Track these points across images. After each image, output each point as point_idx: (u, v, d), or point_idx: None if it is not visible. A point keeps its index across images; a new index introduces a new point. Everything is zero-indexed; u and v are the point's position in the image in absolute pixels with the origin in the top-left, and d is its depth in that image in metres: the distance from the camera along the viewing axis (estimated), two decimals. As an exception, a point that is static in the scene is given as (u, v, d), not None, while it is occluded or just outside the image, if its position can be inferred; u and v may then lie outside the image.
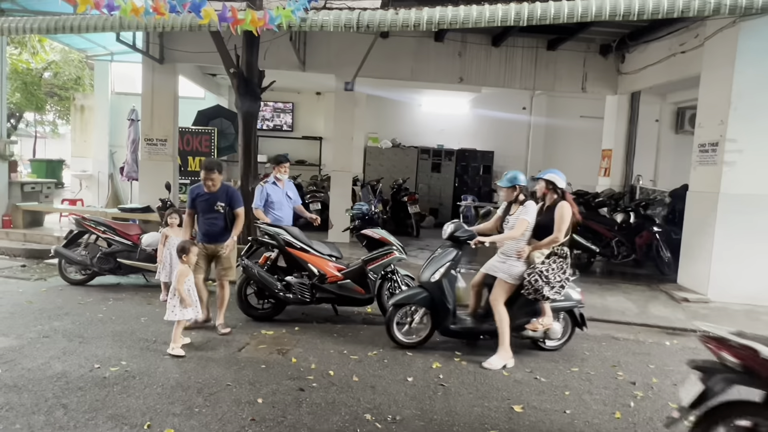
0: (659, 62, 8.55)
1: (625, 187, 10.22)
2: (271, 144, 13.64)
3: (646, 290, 7.16)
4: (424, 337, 4.78)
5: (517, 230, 4.45)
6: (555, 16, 5.13)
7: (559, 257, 4.45)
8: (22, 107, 15.19)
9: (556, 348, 4.85)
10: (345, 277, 5.38)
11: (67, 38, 11.02)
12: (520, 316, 4.59)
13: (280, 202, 5.93)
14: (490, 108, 13.39)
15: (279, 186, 5.99)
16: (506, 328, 4.46)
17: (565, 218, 4.41)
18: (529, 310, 4.58)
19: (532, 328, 4.54)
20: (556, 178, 4.56)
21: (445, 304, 4.64)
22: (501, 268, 4.54)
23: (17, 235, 8.69)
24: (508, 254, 4.53)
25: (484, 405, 3.71)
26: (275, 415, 3.39)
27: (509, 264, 4.50)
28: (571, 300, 4.72)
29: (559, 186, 4.55)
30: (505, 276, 4.49)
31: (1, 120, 8.78)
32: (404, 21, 5.42)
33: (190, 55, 9.23)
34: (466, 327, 4.75)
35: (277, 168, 5.98)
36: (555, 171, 4.64)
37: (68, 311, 5.34)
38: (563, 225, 4.40)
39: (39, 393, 3.52)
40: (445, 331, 4.74)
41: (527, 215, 4.46)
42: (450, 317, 4.68)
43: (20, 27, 6.21)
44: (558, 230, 4.39)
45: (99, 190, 12.88)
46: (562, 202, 4.48)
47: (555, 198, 4.55)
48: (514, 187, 4.60)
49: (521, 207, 4.55)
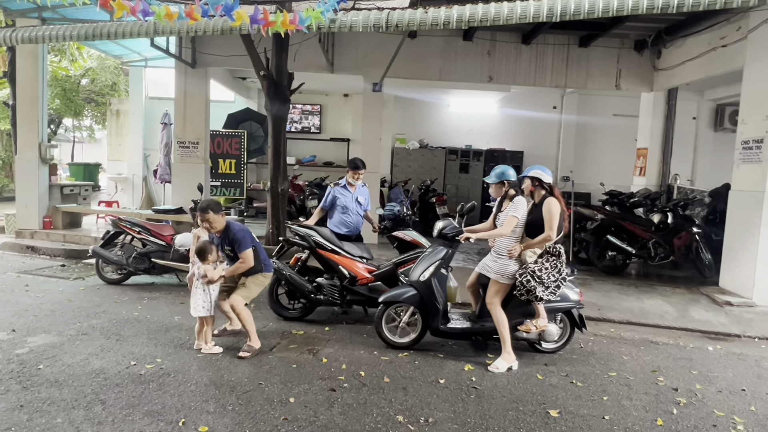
0: (698, 57, 8.24)
1: (661, 187, 9.90)
2: (299, 146, 13.78)
3: (686, 293, 6.90)
4: (415, 338, 4.69)
5: (506, 227, 4.34)
6: (589, 11, 4.99)
7: (553, 256, 4.32)
8: (62, 113, 15.74)
9: (553, 350, 4.72)
10: (375, 279, 5.35)
11: (104, 45, 11.36)
12: (514, 316, 4.47)
13: (347, 206, 5.84)
14: (520, 107, 13.19)
15: (350, 190, 5.90)
16: (507, 331, 4.37)
17: (553, 214, 4.27)
18: (522, 311, 4.48)
19: (525, 330, 4.42)
20: (541, 173, 4.44)
21: (435, 303, 4.56)
22: (493, 268, 4.44)
23: (57, 235, 8.99)
24: (500, 253, 4.41)
25: (518, 409, 3.62)
26: (307, 415, 3.38)
27: (501, 263, 4.39)
28: (568, 301, 4.56)
29: (545, 181, 4.42)
30: (498, 276, 4.39)
31: (42, 125, 9.10)
32: (434, 20, 5.37)
33: (221, 58, 9.39)
34: (458, 327, 4.65)
35: (352, 173, 5.87)
36: (539, 167, 4.52)
37: (105, 309, 5.48)
38: (553, 222, 4.26)
39: (79, 388, 3.61)
40: (435, 332, 4.64)
41: (516, 212, 4.35)
42: (440, 317, 4.59)
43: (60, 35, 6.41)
44: (549, 228, 4.26)
45: (133, 192, 13.23)
46: (548, 198, 4.35)
47: (543, 194, 4.43)
48: (503, 182, 4.50)
49: (510, 203, 4.44)
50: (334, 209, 5.89)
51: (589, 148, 13.25)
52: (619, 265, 7.97)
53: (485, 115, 13.59)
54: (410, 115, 13.66)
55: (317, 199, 11.14)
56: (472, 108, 13.45)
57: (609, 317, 5.89)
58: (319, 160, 13.72)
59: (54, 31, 6.42)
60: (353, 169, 5.88)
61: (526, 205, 4.44)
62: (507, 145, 13.44)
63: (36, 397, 3.45)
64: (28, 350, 4.26)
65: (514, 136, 13.54)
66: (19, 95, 9.10)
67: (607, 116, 12.99)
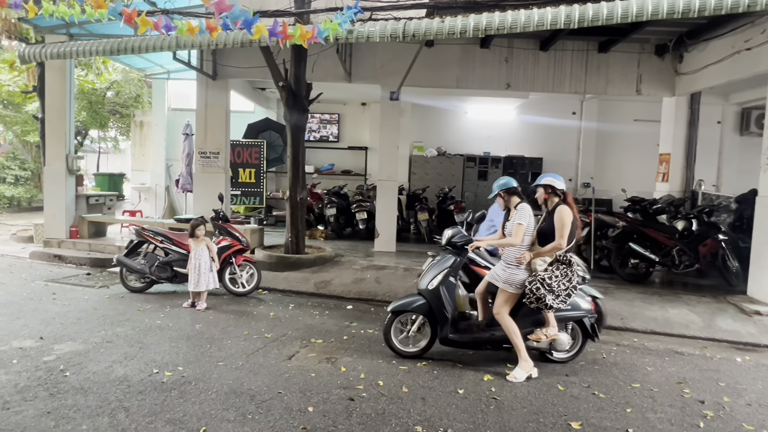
0: (721, 61, 8.08)
1: (685, 193, 9.70)
2: (318, 154, 13.91)
3: (712, 302, 6.72)
4: (423, 347, 4.66)
5: (515, 237, 4.30)
6: (608, 17, 4.96)
7: (563, 264, 4.26)
8: (88, 125, 16.18)
9: (565, 360, 4.64)
10: None
11: (128, 59, 11.69)
12: (524, 325, 4.42)
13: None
14: (538, 114, 13.11)
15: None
16: (519, 339, 4.31)
17: (565, 222, 4.22)
18: (532, 320, 4.42)
19: (535, 339, 4.36)
20: (554, 181, 4.40)
21: (444, 312, 4.53)
22: (501, 277, 4.39)
23: (83, 245, 9.21)
24: (509, 262, 4.38)
25: (539, 421, 3.57)
26: (326, 425, 3.39)
27: (509, 272, 4.35)
28: (579, 310, 4.49)
29: (558, 188, 4.38)
30: (506, 285, 4.35)
31: (69, 137, 9.37)
32: (451, 28, 5.38)
33: (241, 70, 9.57)
34: (467, 336, 4.60)
35: None
36: (552, 174, 4.48)
37: (129, 317, 5.59)
38: (564, 230, 4.22)
39: (103, 396, 3.68)
40: (444, 341, 4.60)
41: (522, 219, 4.31)
42: (449, 326, 4.55)
43: (87, 50, 6.63)
44: (560, 236, 4.22)
45: (156, 201, 13.51)
46: (560, 206, 4.30)
47: (556, 201, 4.38)
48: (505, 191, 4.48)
49: (515, 211, 4.41)
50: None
51: (610, 154, 13.08)
52: (642, 273, 7.80)
53: (503, 121, 13.53)
54: (428, 122, 13.67)
55: (335, 207, 11.22)
56: (490, 115, 13.41)
57: (632, 327, 5.78)
58: (337, 169, 13.82)
59: (81, 47, 6.64)
60: None
61: (531, 211, 4.41)
62: (526, 152, 13.34)
63: (62, 404, 3.53)
64: (55, 357, 4.37)
65: (533, 143, 13.44)
66: (48, 109, 9.39)
67: (628, 122, 12.82)
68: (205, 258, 6.19)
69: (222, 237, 6.81)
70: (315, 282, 7.31)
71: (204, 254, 6.20)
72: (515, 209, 4.42)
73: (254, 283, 6.75)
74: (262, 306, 6.33)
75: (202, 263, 6.13)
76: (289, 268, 7.90)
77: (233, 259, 6.69)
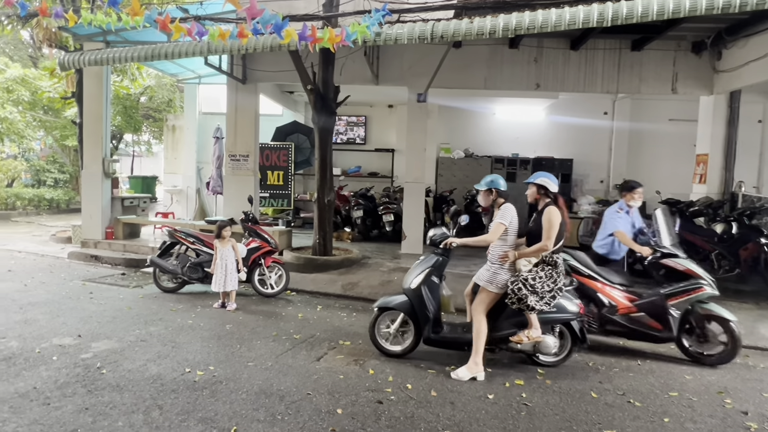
0: (764, 57, 7.76)
1: (724, 195, 9.34)
2: (344, 157, 13.98)
3: (754, 308, 6.45)
4: (408, 347, 4.66)
5: (491, 234, 4.25)
6: (643, 14, 4.82)
7: (549, 265, 4.19)
8: (122, 129, 16.70)
9: (552, 364, 4.53)
10: (639, 310, 4.89)
11: (161, 64, 11.98)
12: (506, 327, 4.35)
13: (625, 231, 5.34)
14: (569, 114, 12.86)
15: (628, 215, 5.46)
16: (482, 341, 4.25)
17: (553, 224, 4.15)
18: (515, 321, 4.34)
19: (517, 341, 4.29)
20: (548, 181, 4.33)
21: (425, 312, 4.50)
22: (484, 276, 4.36)
23: (118, 246, 9.49)
24: (493, 262, 4.34)
25: (572, 428, 3.48)
26: (355, 427, 3.38)
27: (492, 272, 4.32)
28: (565, 312, 4.37)
29: (551, 190, 4.30)
30: (486, 284, 4.32)
31: (105, 141, 9.67)
32: (479, 29, 5.33)
33: (270, 74, 9.70)
34: (449, 336, 4.57)
35: (629, 195, 5.44)
36: (546, 174, 4.40)
37: (162, 317, 5.72)
38: (552, 231, 4.15)
39: (138, 393, 3.77)
40: (427, 340, 4.58)
41: (504, 218, 4.26)
42: (431, 326, 4.52)
43: (123, 56, 6.83)
44: (546, 237, 4.15)
45: (187, 203, 13.82)
46: (549, 207, 4.23)
47: (546, 202, 4.30)
48: (490, 190, 4.42)
49: (498, 210, 4.36)
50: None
51: (644, 154, 12.72)
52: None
53: (532, 122, 13.33)
54: (455, 124, 13.58)
55: (362, 209, 11.24)
56: (519, 116, 13.23)
57: (668, 333, 5.58)
58: (364, 171, 13.87)
59: (118, 54, 6.84)
60: (629, 190, 5.46)
61: (515, 212, 4.34)
62: (555, 153, 13.10)
63: (99, 401, 3.63)
64: (92, 355, 4.50)
65: (563, 144, 13.19)
66: (85, 114, 9.71)
67: (663, 121, 12.45)
68: (231, 258, 6.29)
69: (251, 239, 6.91)
70: (342, 284, 7.33)
71: (230, 255, 6.30)
72: (498, 209, 4.39)
73: (283, 284, 6.82)
74: (290, 307, 6.39)
75: (228, 263, 6.23)
76: (317, 270, 7.96)
77: (262, 260, 6.77)
